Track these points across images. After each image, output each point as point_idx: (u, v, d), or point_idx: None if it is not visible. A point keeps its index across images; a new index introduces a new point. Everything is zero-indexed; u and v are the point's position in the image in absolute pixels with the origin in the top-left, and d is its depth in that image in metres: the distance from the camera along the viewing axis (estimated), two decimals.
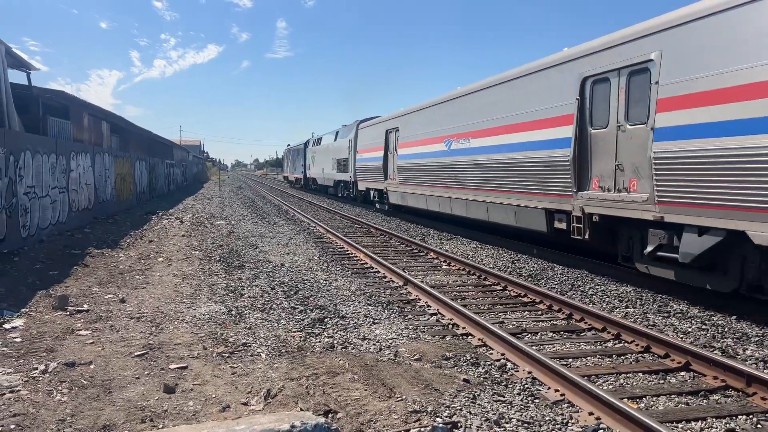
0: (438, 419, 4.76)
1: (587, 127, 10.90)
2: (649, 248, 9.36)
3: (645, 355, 6.65)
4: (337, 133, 35.93)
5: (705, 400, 5.41)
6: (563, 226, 11.60)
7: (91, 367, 5.83)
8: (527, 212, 12.95)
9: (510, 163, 13.57)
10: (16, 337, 6.80)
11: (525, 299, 9.37)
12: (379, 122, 26.05)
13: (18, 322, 7.43)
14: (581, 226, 10.93)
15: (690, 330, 7.59)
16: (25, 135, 14.52)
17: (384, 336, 7.18)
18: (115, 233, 16.93)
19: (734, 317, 8.11)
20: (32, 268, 10.98)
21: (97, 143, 24.44)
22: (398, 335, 7.23)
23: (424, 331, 7.47)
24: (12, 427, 4.48)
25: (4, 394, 5.09)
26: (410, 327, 7.63)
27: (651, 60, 9.24)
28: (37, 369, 5.69)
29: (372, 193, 27.15)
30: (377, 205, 26.70)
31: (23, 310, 8.08)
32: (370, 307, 8.62)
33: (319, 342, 6.83)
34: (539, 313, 8.63)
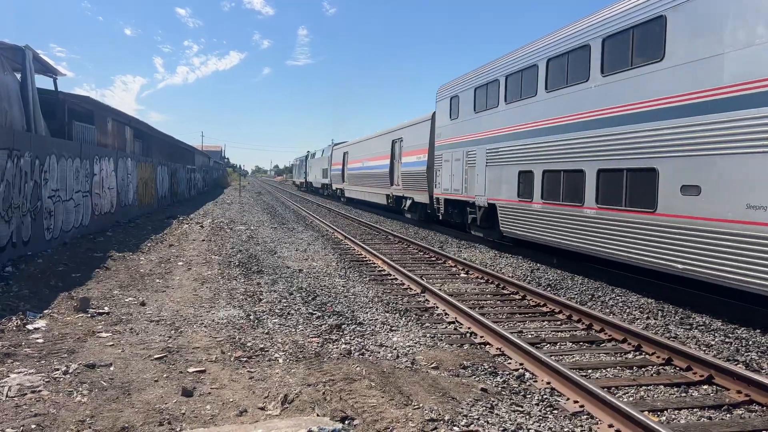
0: (455, 428, 4.72)
1: (393, 160, 27.32)
2: (403, 206, 25.81)
3: (666, 367, 6.55)
4: (323, 150, 52.55)
5: (728, 415, 5.30)
6: (390, 201, 27.81)
7: (111, 369, 5.90)
8: (381, 196, 29.40)
9: (375, 173, 30.23)
10: (38, 338, 6.91)
11: (544, 309, 9.30)
12: (342, 146, 42.67)
13: (40, 324, 7.55)
14: (393, 200, 27.38)
15: (713, 343, 7.46)
16: (51, 139, 14.77)
17: (401, 343, 7.16)
18: (137, 237, 17.15)
19: (759, 330, 7.95)
20: (55, 270, 11.15)
21: (120, 148, 24.79)
22: (415, 343, 7.21)
23: (441, 340, 7.44)
24: (33, 427, 4.54)
25: (26, 394, 5.17)
26: (428, 335, 7.60)
27: (403, 137, 25.82)
28: (58, 370, 5.77)
29: (338, 191, 43.70)
30: (341, 199, 42.32)
31: (46, 311, 8.21)
32: (387, 314, 8.61)
33: (337, 348, 6.84)
34: (558, 323, 8.54)
